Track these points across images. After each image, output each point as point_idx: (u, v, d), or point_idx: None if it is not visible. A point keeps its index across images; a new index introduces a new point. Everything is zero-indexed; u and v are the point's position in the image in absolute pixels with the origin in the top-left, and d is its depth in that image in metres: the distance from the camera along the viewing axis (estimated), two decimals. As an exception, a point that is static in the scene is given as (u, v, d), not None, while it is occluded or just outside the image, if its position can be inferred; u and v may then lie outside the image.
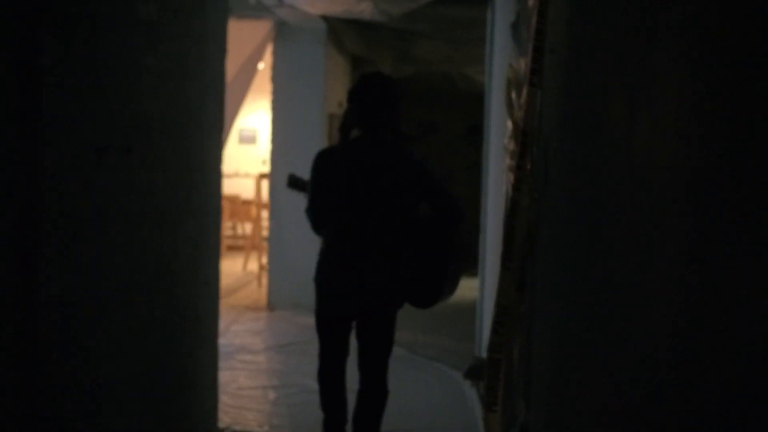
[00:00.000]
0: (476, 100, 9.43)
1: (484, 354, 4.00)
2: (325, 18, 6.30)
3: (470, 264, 3.93)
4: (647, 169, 0.96)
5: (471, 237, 5.52)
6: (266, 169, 7.89)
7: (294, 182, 3.69)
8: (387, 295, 3.14)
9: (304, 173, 3.47)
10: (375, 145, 3.14)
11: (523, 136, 2.04)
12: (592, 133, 1.26)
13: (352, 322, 3.21)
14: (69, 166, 1.79)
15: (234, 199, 9.51)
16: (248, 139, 11.13)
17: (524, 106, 2.08)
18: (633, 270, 1.05)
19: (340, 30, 6.71)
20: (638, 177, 1.00)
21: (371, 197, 3.10)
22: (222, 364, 3.82)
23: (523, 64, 2.49)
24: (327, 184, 3.12)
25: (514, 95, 2.58)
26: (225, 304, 6.30)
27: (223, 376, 4.08)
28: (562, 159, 1.60)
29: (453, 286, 3.36)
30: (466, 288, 8.12)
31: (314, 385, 4.50)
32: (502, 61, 3.78)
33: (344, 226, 3.12)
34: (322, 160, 3.17)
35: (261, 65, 6.76)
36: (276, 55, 6.80)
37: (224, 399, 3.97)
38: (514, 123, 2.45)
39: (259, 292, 7.45)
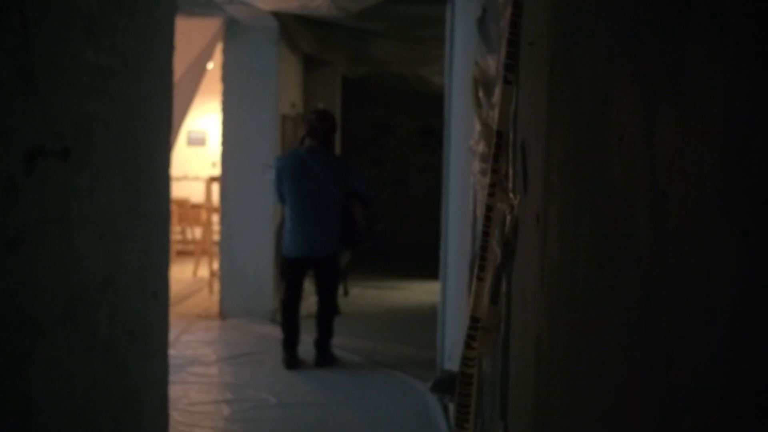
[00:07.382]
0: (430, 101, 9.35)
1: (448, 364, 3.87)
2: (278, 16, 6.11)
3: (381, 222, 6.39)
4: (670, 181, 0.83)
5: (432, 240, 5.41)
6: (216, 172, 7.65)
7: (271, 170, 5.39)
8: (327, 244, 5.03)
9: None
10: (315, 150, 5.08)
11: (497, 138, 1.91)
12: (592, 135, 1.13)
13: (306, 264, 5.11)
14: (-4, 171, 1.60)
15: (183, 203, 9.24)
16: (197, 142, 10.87)
17: (497, 105, 1.96)
18: (637, 286, 0.91)
19: (293, 29, 6.52)
20: (657, 189, 0.87)
21: (313, 183, 4.99)
22: (172, 377, 3.61)
23: (491, 62, 2.36)
24: (285, 174, 5.03)
25: (482, 95, 2.46)
26: (175, 313, 6.05)
27: (174, 391, 3.87)
28: (546, 163, 1.47)
29: (369, 236, 5.46)
30: (425, 292, 8.07)
31: (271, 399, 4.34)
32: (464, 60, 3.66)
33: (297, 201, 5.01)
34: (280, 161, 5.23)
35: (210, 65, 6.54)
36: (226, 54, 6.59)
37: (175, 416, 3.76)
38: (484, 124, 2.33)
39: (210, 299, 7.21)
